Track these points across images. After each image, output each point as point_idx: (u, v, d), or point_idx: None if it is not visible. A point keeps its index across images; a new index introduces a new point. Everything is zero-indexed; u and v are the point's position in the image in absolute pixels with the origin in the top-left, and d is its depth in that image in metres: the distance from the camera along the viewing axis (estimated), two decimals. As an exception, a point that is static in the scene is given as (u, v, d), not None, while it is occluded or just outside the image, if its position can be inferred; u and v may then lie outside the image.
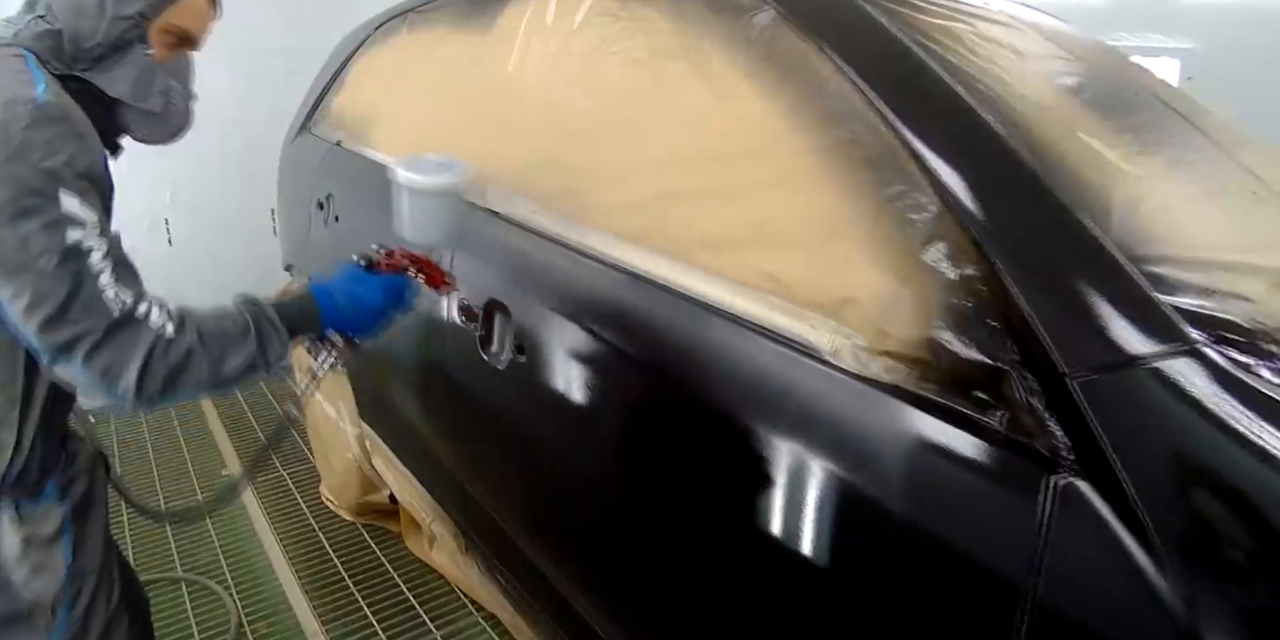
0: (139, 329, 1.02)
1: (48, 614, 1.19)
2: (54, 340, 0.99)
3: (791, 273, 1.08)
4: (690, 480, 1.22)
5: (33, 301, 0.98)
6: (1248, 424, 0.75)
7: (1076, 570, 0.77)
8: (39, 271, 0.97)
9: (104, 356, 1.00)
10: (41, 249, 0.97)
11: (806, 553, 1.03)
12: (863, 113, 1.04)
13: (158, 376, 1.03)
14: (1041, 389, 0.82)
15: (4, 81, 1.03)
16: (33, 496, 1.17)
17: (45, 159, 0.99)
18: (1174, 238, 0.98)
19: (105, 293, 1.00)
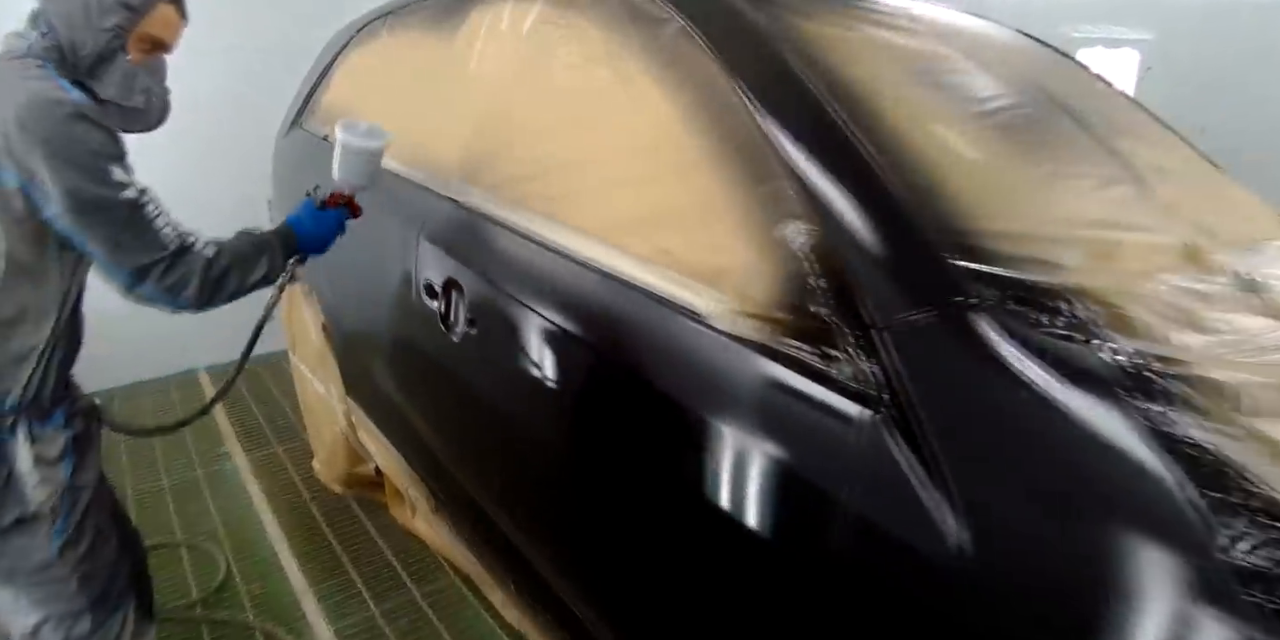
0: (192, 255, 1.40)
1: (49, 520, 1.42)
2: (135, 267, 1.34)
3: (682, 248, 1.26)
4: (604, 426, 1.41)
5: (116, 244, 1.33)
6: (1015, 365, 0.93)
7: (879, 485, 0.95)
8: (113, 221, 1.32)
9: (170, 277, 1.37)
10: (110, 206, 1.31)
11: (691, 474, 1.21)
12: (739, 113, 1.22)
13: (208, 287, 1.42)
14: (858, 340, 1.00)
15: (39, 88, 1.30)
16: (41, 420, 1.43)
17: (91, 143, 1.30)
18: (999, 215, 1.15)
19: (164, 231, 1.37)
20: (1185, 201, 1.52)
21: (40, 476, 1.40)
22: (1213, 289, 1.20)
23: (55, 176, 1.27)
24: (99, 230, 1.32)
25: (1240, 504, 0.80)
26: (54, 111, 1.27)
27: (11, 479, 1.38)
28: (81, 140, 1.29)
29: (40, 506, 1.41)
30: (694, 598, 1.25)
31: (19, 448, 1.39)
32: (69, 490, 1.45)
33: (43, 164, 1.26)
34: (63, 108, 1.28)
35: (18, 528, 1.41)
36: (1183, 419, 0.88)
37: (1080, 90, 1.94)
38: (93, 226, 1.31)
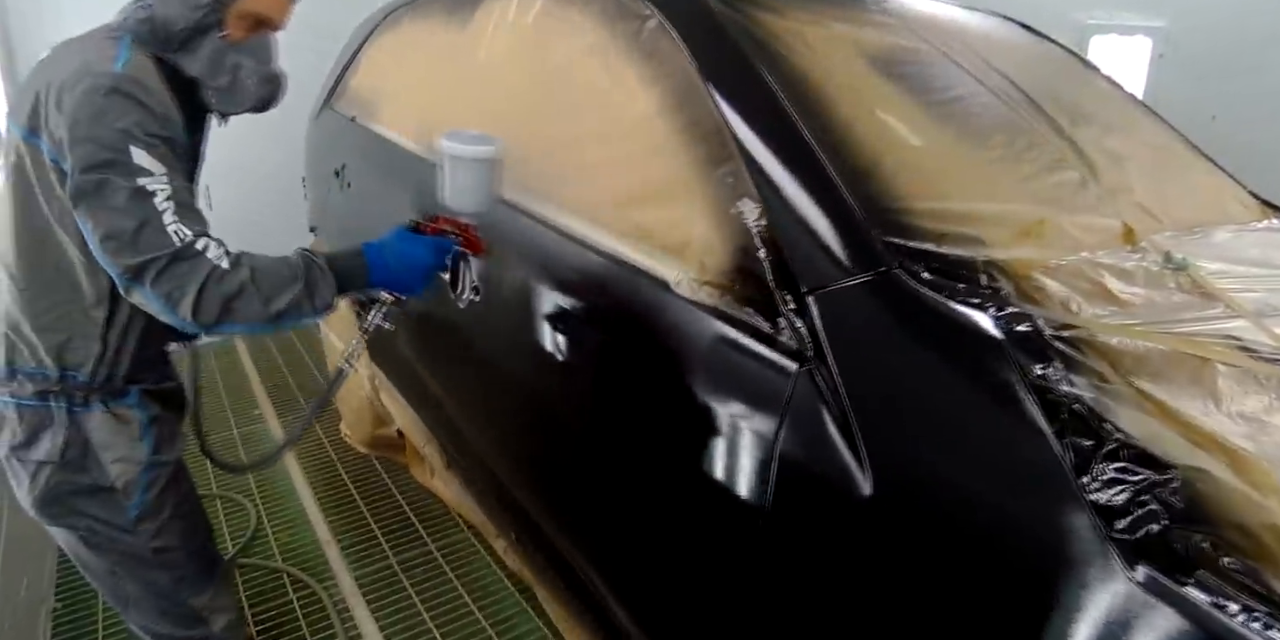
0: (198, 260, 1.21)
1: (124, 494, 1.44)
2: (126, 266, 1.19)
3: (653, 224, 1.40)
4: (587, 384, 1.56)
5: (108, 233, 1.19)
6: (921, 328, 1.06)
7: (804, 430, 1.09)
8: (113, 208, 1.18)
9: (167, 282, 1.19)
10: (114, 190, 1.18)
11: (662, 424, 1.36)
12: (703, 102, 1.36)
13: (212, 303, 1.21)
14: (792, 303, 1.14)
15: (91, 58, 1.26)
16: (116, 397, 1.42)
17: (119, 120, 1.20)
18: (932, 195, 1.28)
19: (168, 227, 1.20)
20: (1139, 186, 1.63)
21: (116, 450, 1.41)
22: (1137, 266, 1.32)
23: (72, 150, 1.20)
24: (97, 215, 1.19)
25: (1103, 449, 0.93)
26: (90, 84, 1.20)
27: (89, 451, 1.40)
28: (109, 115, 1.19)
29: (115, 480, 1.42)
30: (664, 534, 1.41)
31: (95, 421, 1.40)
32: (148, 467, 1.45)
33: (66, 135, 1.20)
34: (100, 80, 1.21)
35: (98, 494, 1.43)
36: (1066, 377, 1.00)
37: (1059, 78, 2.04)
38: (91, 209, 1.20)
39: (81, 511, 1.43)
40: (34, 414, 1.37)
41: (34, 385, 1.36)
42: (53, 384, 1.37)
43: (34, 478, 1.40)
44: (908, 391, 1.03)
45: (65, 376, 1.37)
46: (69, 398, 1.38)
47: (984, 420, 0.98)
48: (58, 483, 1.40)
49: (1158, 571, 0.83)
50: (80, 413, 1.39)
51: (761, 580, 1.17)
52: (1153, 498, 0.89)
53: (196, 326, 1.24)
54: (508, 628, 2.34)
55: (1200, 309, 1.23)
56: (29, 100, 1.27)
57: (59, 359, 1.36)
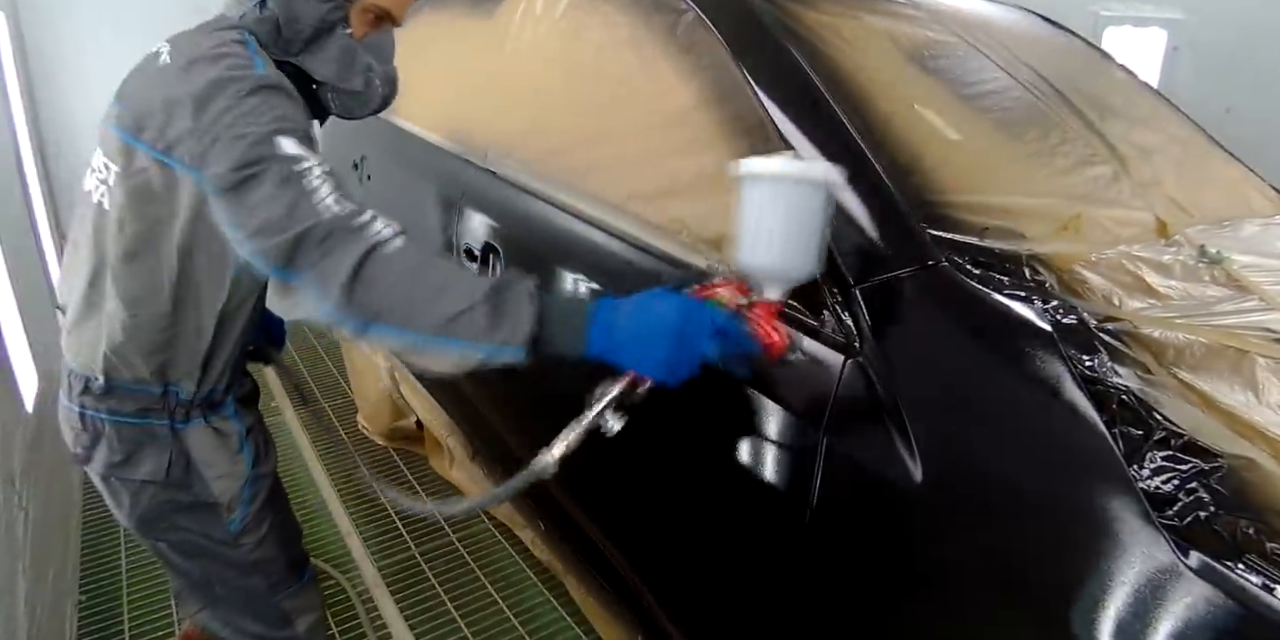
0: (359, 232, 1.01)
1: (228, 509, 1.41)
2: (278, 248, 1.01)
3: (691, 217, 1.42)
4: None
5: (259, 224, 1.03)
6: (970, 321, 1.07)
7: (851, 420, 1.11)
8: (263, 197, 1.03)
9: (321, 258, 1.00)
10: (264, 181, 1.03)
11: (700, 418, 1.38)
12: (743, 95, 1.37)
13: (372, 285, 0.99)
14: (839, 296, 1.15)
15: (226, 65, 1.12)
16: (215, 410, 1.38)
17: (265, 115, 1.07)
18: (974, 189, 1.29)
19: (324, 201, 1.03)
20: (1168, 180, 1.64)
21: (218, 466, 1.39)
22: (1173, 260, 1.33)
23: (216, 155, 1.07)
24: (247, 208, 1.05)
25: (1149, 439, 0.95)
26: (235, 88, 1.09)
27: (190, 467, 1.37)
28: (255, 114, 1.08)
29: (220, 496, 1.40)
30: (705, 526, 1.43)
31: (197, 436, 1.36)
32: (250, 481, 1.43)
33: (209, 142, 1.08)
34: (243, 84, 1.10)
35: (201, 510, 1.41)
36: (1112, 368, 1.02)
37: (1084, 72, 2.05)
38: (240, 204, 1.05)
39: (183, 527, 1.42)
40: (134, 431, 1.33)
41: (135, 402, 1.32)
42: (155, 400, 1.32)
43: (135, 497, 1.37)
44: (957, 382, 1.05)
45: (168, 392, 1.32)
46: (171, 414, 1.34)
47: (1034, 410, 0.99)
48: (161, 502, 1.38)
49: (1209, 556, 0.85)
50: (182, 429, 1.35)
51: (807, 572, 1.19)
52: (1200, 486, 0.91)
53: (349, 317, 1.01)
54: (531, 617, 2.36)
55: (1236, 302, 1.25)
56: (143, 109, 1.16)
57: (161, 376, 1.31)
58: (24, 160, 3.25)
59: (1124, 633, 0.86)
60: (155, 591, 2.41)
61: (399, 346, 1.04)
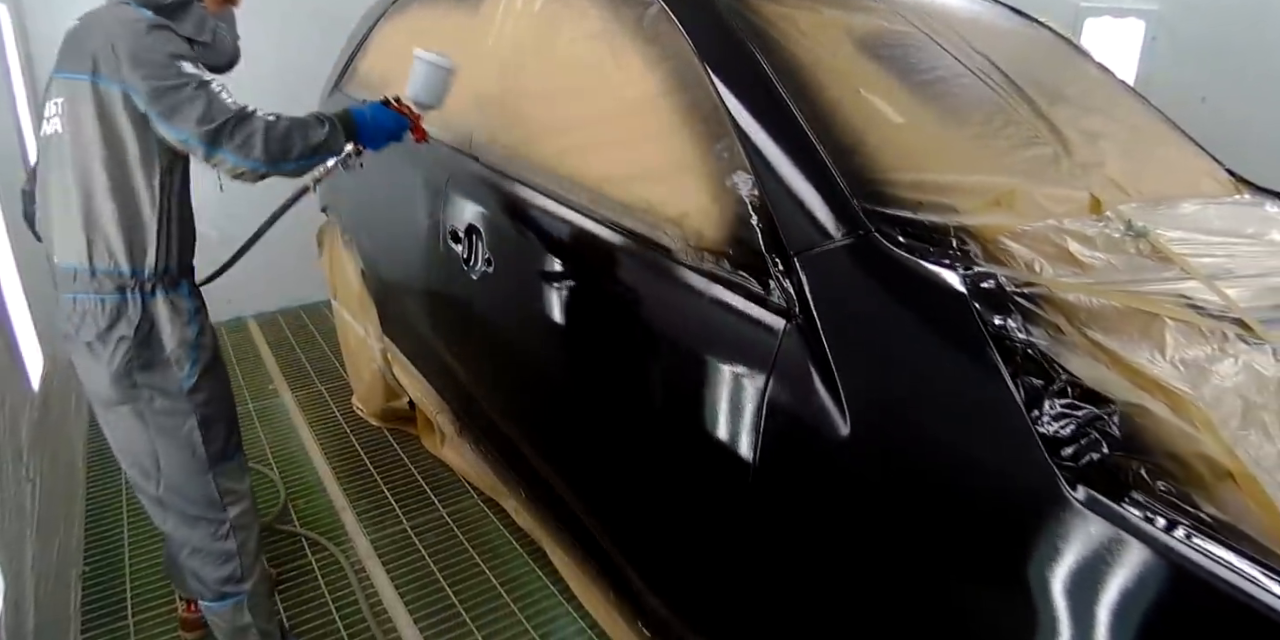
0: (253, 117, 1.63)
1: (178, 365, 1.79)
2: (206, 132, 1.57)
3: (656, 197, 1.51)
4: (595, 345, 1.68)
5: (188, 114, 1.58)
6: (896, 286, 1.17)
7: (790, 380, 1.21)
8: (188, 98, 1.58)
9: (238, 136, 1.60)
10: (180, 88, 1.58)
11: (663, 381, 1.49)
12: (702, 83, 1.47)
13: (274, 144, 1.63)
14: (781, 265, 1.25)
15: (122, 14, 1.65)
16: (173, 287, 1.79)
17: (165, 46, 1.62)
18: (910, 168, 1.39)
19: (228, 101, 1.62)
20: (1112, 162, 1.73)
21: (173, 330, 1.78)
22: (1098, 232, 1.43)
23: (141, 76, 1.58)
24: (177, 108, 1.58)
25: (1051, 387, 1.05)
26: (134, 27, 1.60)
27: (154, 329, 1.76)
28: (157, 45, 1.60)
29: (171, 353, 1.78)
30: (663, 479, 1.53)
31: (159, 306, 1.76)
32: (193, 347, 1.81)
33: (131, 69, 1.58)
34: (140, 23, 1.61)
35: (157, 367, 1.78)
36: (1024, 327, 1.12)
37: (1043, 60, 2.14)
38: (168, 106, 1.58)
39: (145, 385, 1.78)
40: (114, 305, 1.73)
41: (112, 282, 1.72)
42: (127, 279, 1.72)
43: (113, 353, 1.73)
44: (882, 342, 1.15)
45: (135, 272, 1.73)
46: (140, 289, 1.74)
47: (948, 366, 1.09)
48: (131, 357, 1.74)
49: (1097, 492, 0.95)
50: (149, 300, 1.76)
51: (755, 521, 1.29)
52: (1095, 429, 1.00)
53: (267, 164, 1.65)
54: (517, 585, 2.47)
55: (1156, 271, 1.34)
56: (89, 55, 1.63)
57: (130, 257, 1.71)
58: (28, 149, 3.34)
59: (1021, 560, 0.96)
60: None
61: (291, 171, 1.72)
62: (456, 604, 2.41)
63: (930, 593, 1.08)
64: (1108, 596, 0.92)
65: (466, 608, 2.39)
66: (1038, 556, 0.96)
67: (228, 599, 1.98)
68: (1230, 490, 0.97)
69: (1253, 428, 1.04)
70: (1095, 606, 0.92)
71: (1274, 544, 0.88)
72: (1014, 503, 0.99)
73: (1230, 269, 1.41)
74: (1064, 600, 0.94)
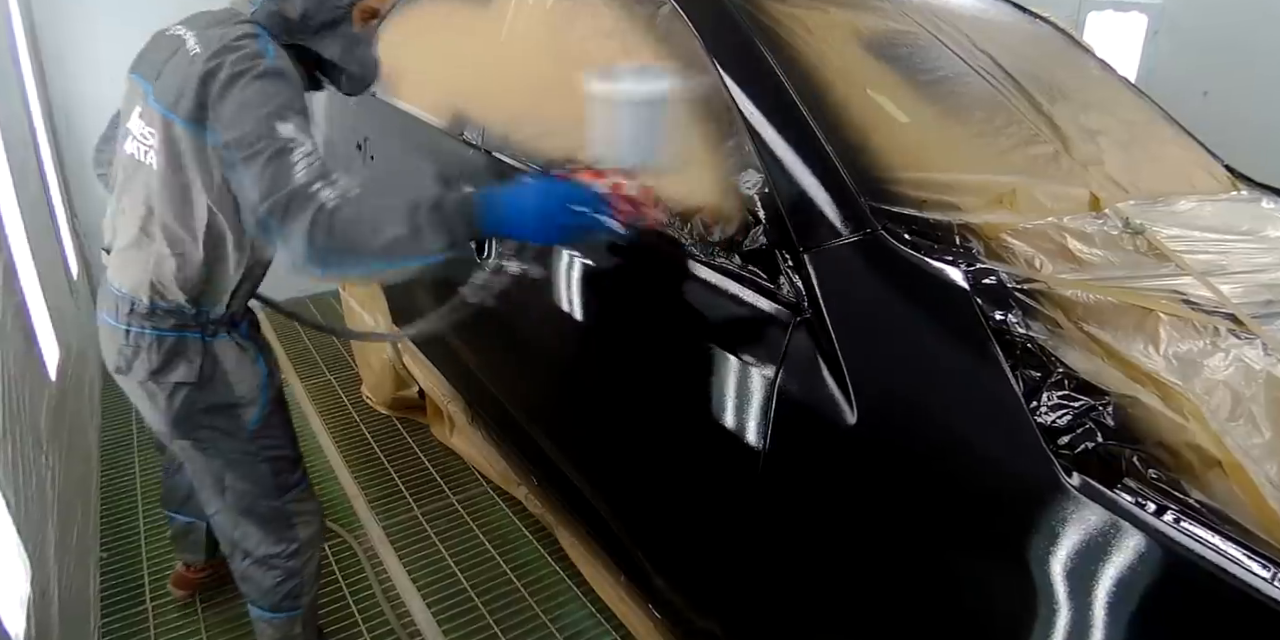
0: (311, 197, 1.32)
1: (249, 406, 1.71)
2: (265, 209, 1.33)
3: (666, 193, 1.56)
4: (608, 336, 1.73)
5: (256, 182, 1.35)
6: (902, 282, 1.22)
7: (799, 371, 1.26)
8: (260, 169, 1.34)
9: (286, 215, 1.31)
10: (262, 157, 1.34)
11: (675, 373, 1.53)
12: (714, 81, 1.51)
13: (321, 233, 1.30)
14: (790, 261, 1.30)
15: (244, 52, 1.42)
16: (235, 328, 1.70)
17: (271, 101, 1.39)
18: (916, 166, 1.43)
19: (296, 170, 1.33)
20: (1111, 159, 1.78)
21: (241, 374, 1.68)
22: (1097, 229, 1.47)
23: (232, 131, 1.38)
24: (250, 177, 1.36)
25: (1049, 380, 1.10)
26: (251, 74, 1.39)
27: (218, 371, 1.66)
28: (264, 98, 1.38)
29: (239, 398, 1.69)
30: (674, 468, 1.58)
31: (224, 349, 1.67)
32: (264, 386, 1.73)
33: (229, 120, 1.39)
34: (256, 69, 1.40)
35: (222, 412, 1.69)
36: (1024, 322, 1.17)
37: (1045, 57, 2.18)
38: (245, 173, 1.36)
39: (207, 426, 1.69)
40: (171, 342, 1.62)
41: (173, 319, 1.61)
42: (189, 318, 1.62)
43: (170, 398, 1.65)
44: (888, 336, 1.20)
45: (200, 312, 1.63)
46: (202, 329, 1.64)
47: (950, 358, 1.14)
48: (192, 401, 1.66)
49: (1091, 479, 1.00)
50: (211, 341, 1.65)
51: (765, 507, 1.34)
52: (1090, 419, 1.06)
53: (310, 255, 1.32)
54: (528, 571, 2.53)
55: (1153, 268, 1.39)
56: (177, 89, 1.45)
57: (195, 302, 1.61)
58: (40, 142, 3.38)
59: (1019, 543, 1.01)
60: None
61: (361, 275, 1.40)
62: (469, 589, 2.46)
63: (932, 576, 1.13)
64: (1102, 578, 0.97)
65: (478, 592, 2.45)
66: (1035, 540, 1.01)
67: (283, 612, 1.94)
68: (1218, 478, 1.02)
69: (1241, 419, 1.09)
70: (1090, 588, 0.97)
71: (1258, 529, 0.93)
72: (1013, 488, 1.04)
73: (1224, 265, 1.46)
74: (1060, 582, 0.99)
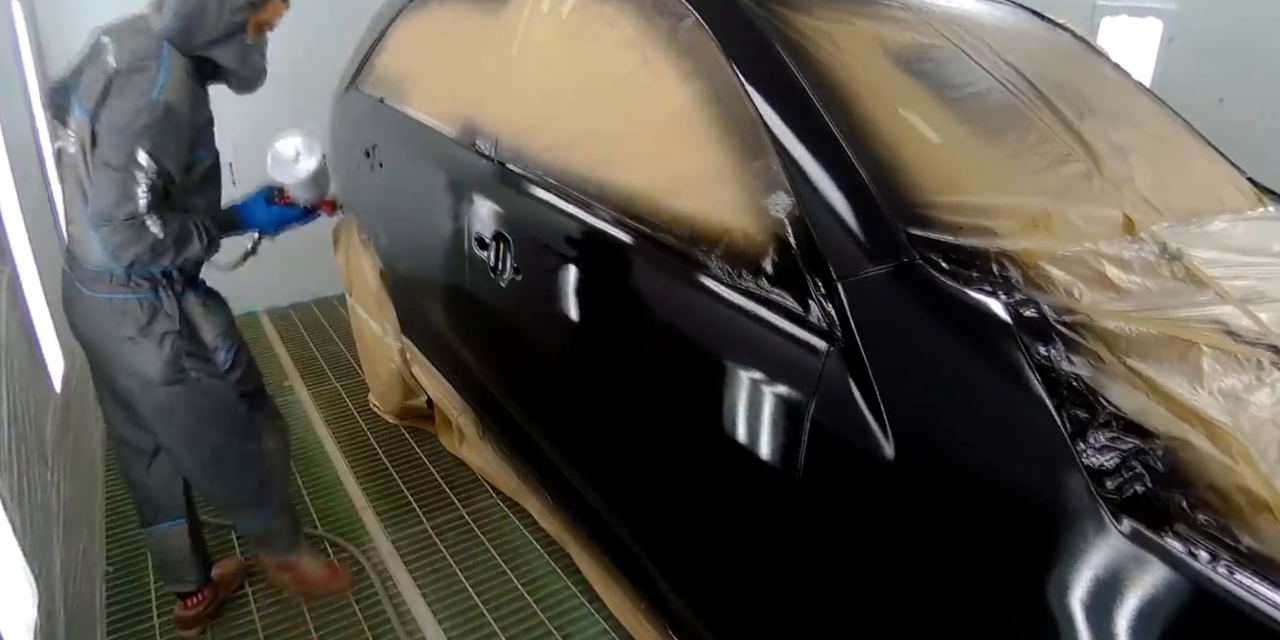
0: (141, 228, 1.72)
1: (220, 350, 2.04)
2: (102, 219, 1.70)
3: (689, 212, 1.53)
4: (627, 358, 1.70)
5: (103, 193, 1.71)
6: (940, 313, 1.19)
7: (834, 403, 1.22)
8: (114, 181, 1.69)
9: (114, 235, 1.71)
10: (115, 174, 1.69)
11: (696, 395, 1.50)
12: (739, 98, 1.47)
13: (137, 253, 1.74)
14: (824, 289, 1.26)
15: (138, 81, 1.74)
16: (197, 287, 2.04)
17: (143, 133, 1.71)
18: (950, 189, 1.40)
19: (139, 202, 1.70)
20: (1141, 177, 1.74)
21: (209, 324, 2.03)
22: (1135, 255, 1.44)
23: (108, 142, 1.72)
24: (101, 186, 1.71)
25: (1096, 420, 1.06)
26: (134, 106, 1.71)
27: (191, 322, 1.99)
28: (137, 128, 1.70)
29: (211, 342, 2.03)
30: (700, 496, 1.55)
31: (192, 304, 2.00)
32: (225, 334, 2.06)
33: (107, 131, 1.72)
34: (141, 102, 1.71)
35: (201, 355, 2.01)
36: (1067, 357, 1.13)
37: (1069, 69, 2.14)
38: (99, 181, 1.72)
39: (190, 368, 1.99)
40: (150, 303, 1.92)
41: (148, 283, 1.91)
42: (159, 279, 1.92)
43: (160, 346, 1.94)
44: (927, 369, 1.16)
45: (166, 272, 1.92)
46: (172, 288, 1.94)
47: (994, 395, 1.11)
48: (178, 347, 1.96)
49: (1140, 525, 0.96)
50: (182, 297, 1.97)
51: (793, 538, 1.31)
52: (1139, 463, 1.02)
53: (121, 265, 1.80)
54: (540, 586, 2.50)
55: (1192, 296, 1.36)
56: (93, 95, 1.75)
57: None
58: (43, 146, 3.34)
59: (1064, 588, 0.98)
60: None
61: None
62: (480, 605, 2.43)
63: (969, 620, 1.10)
64: (1149, 627, 0.94)
65: (489, 608, 2.42)
66: (1082, 588, 0.98)
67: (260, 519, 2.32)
68: (1269, 522, 0.98)
69: (1291, 460, 1.05)
70: (1137, 637, 0.94)
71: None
72: (1059, 533, 1.01)
73: (1262, 292, 1.42)
74: (1106, 630, 0.96)
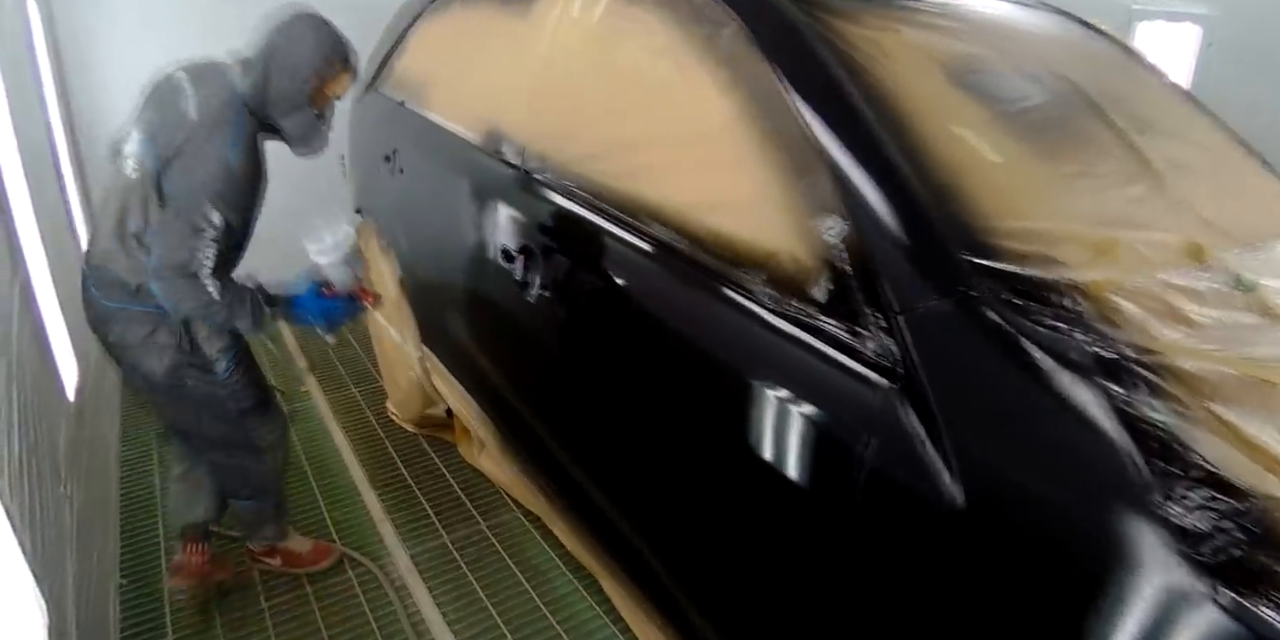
0: (199, 286, 1.85)
1: (220, 362, 2.10)
2: (162, 272, 1.83)
3: (731, 230, 1.45)
4: (662, 384, 1.62)
5: (166, 244, 1.83)
6: (1008, 350, 1.11)
7: (895, 443, 1.15)
8: (180, 234, 1.83)
9: (170, 288, 1.85)
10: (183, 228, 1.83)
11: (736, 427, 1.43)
12: (785, 112, 1.39)
13: (197, 313, 1.93)
14: (881, 322, 1.19)
15: (217, 140, 1.87)
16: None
17: (210, 193, 1.83)
18: (1011, 214, 1.32)
19: (205, 265, 1.84)
20: (1203, 198, 1.65)
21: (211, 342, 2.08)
22: (1207, 286, 1.36)
23: (181, 196, 1.84)
24: (168, 237, 1.84)
25: (1183, 474, 0.98)
26: (206, 168, 1.83)
27: (193, 336, 2.05)
28: (208, 188, 1.83)
29: (212, 356, 2.09)
30: (740, 530, 1.48)
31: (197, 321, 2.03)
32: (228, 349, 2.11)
33: (180, 188, 1.84)
34: (216, 164, 1.84)
35: (200, 366, 2.08)
36: (1147, 401, 1.05)
37: (1119, 80, 2.05)
38: (167, 231, 1.85)
39: (190, 376, 2.08)
40: (156, 315, 1.99)
41: (154, 298, 1.94)
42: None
43: (161, 355, 2.03)
44: (999, 414, 1.08)
45: None
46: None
47: (1073, 443, 1.03)
48: (177, 359, 2.05)
49: (1238, 595, 0.88)
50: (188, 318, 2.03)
51: (846, 583, 1.24)
52: (1233, 523, 0.94)
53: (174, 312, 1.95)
54: (562, 607, 2.43)
55: (1270, 332, 1.27)
56: (165, 129, 1.89)
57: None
58: (59, 155, 3.29)
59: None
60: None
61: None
62: (500, 625, 2.37)
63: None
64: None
65: (511, 628, 2.36)
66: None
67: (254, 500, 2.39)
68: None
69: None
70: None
71: None
72: (1146, 603, 0.93)
73: (1340, 325, 1.34)
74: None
